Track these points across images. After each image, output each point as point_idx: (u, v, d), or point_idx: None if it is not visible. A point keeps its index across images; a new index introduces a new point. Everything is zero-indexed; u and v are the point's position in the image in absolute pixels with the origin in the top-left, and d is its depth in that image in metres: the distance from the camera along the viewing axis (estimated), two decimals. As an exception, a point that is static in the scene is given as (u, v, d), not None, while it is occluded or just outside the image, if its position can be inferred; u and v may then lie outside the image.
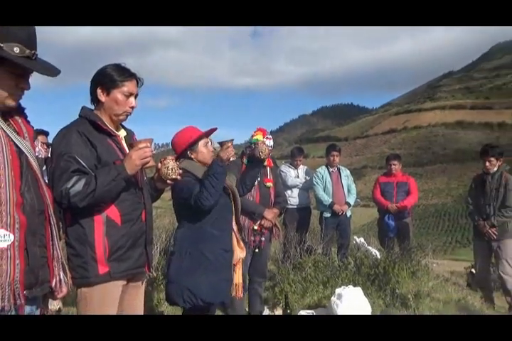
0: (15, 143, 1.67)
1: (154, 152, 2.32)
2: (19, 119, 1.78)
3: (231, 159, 3.06)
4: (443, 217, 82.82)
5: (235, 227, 3.22)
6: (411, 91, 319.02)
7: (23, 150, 1.69)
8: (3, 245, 1.55)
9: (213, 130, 3.17)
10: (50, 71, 1.74)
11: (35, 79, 1.75)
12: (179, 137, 3.13)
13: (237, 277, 3.24)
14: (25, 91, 1.75)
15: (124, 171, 2.18)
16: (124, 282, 2.35)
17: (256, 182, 4.24)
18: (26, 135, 1.76)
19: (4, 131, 1.65)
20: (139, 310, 2.53)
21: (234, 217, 3.22)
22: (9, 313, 1.60)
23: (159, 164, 2.45)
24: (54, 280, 1.77)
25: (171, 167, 2.45)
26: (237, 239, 3.22)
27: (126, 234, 2.28)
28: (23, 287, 1.60)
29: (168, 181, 2.50)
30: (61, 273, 1.81)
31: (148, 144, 2.23)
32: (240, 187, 3.37)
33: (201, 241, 2.97)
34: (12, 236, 1.57)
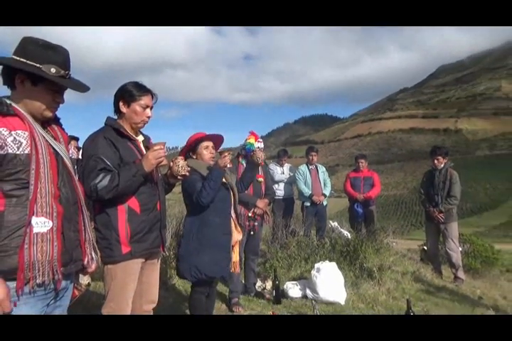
0: (52, 147, 1.66)
1: (166, 153, 2.30)
2: (55, 127, 1.76)
3: (228, 166, 2.97)
4: (400, 205, 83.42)
5: (233, 215, 3.19)
6: (374, 103, 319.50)
7: (59, 152, 1.68)
8: (44, 230, 1.54)
9: (215, 136, 3.12)
10: (81, 88, 1.72)
11: (68, 94, 1.73)
12: (188, 139, 3.11)
13: (235, 256, 3.21)
14: (61, 105, 1.73)
15: (142, 169, 2.16)
16: (143, 260, 2.33)
17: (261, 180, 4.23)
18: (62, 140, 1.75)
19: (44, 136, 1.64)
20: (155, 283, 2.50)
21: (232, 206, 3.19)
22: (48, 287, 1.58)
23: (171, 163, 2.43)
24: (86, 258, 1.76)
25: (181, 165, 2.43)
26: (235, 224, 3.19)
27: (144, 220, 2.26)
28: (60, 265, 1.59)
29: (179, 177, 2.48)
30: (92, 253, 1.80)
31: (162, 146, 2.21)
32: (239, 185, 3.35)
33: (205, 227, 2.96)
34: (51, 223, 1.56)
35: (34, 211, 1.53)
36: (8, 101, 1.58)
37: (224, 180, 3.07)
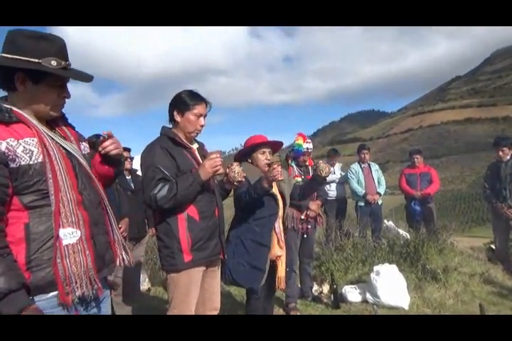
0: (64, 148, 1.55)
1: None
2: (62, 125, 1.64)
3: (279, 179, 2.75)
4: (459, 200, 79.36)
5: (278, 228, 3.02)
6: (424, 95, 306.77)
7: (72, 152, 1.58)
8: (73, 241, 1.47)
9: (274, 142, 3.05)
10: (85, 78, 1.58)
11: (115, 108, 1.80)
12: (246, 142, 3.09)
13: (280, 271, 3.07)
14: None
15: (199, 178, 2.20)
16: (204, 267, 2.36)
17: (300, 180, 4.16)
18: (72, 138, 1.64)
19: (53, 138, 1.52)
20: (216, 290, 2.53)
21: (280, 219, 3.04)
22: (89, 296, 1.52)
23: (227, 169, 2.44)
24: (118, 259, 1.71)
25: (237, 171, 2.44)
26: (278, 238, 3.02)
27: (204, 228, 2.29)
28: (95, 271, 1.53)
29: (235, 183, 2.50)
30: (123, 253, 1.73)
31: (218, 155, 2.23)
32: (297, 195, 3.26)
33: (244, 233, 2.90)
34: (79, 232, 1.49)
35: (60, 223, 1.45)
36: (7, 106, 1.44)
37: (271, 189, 2.89)
